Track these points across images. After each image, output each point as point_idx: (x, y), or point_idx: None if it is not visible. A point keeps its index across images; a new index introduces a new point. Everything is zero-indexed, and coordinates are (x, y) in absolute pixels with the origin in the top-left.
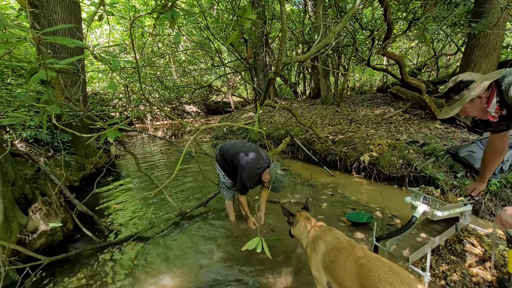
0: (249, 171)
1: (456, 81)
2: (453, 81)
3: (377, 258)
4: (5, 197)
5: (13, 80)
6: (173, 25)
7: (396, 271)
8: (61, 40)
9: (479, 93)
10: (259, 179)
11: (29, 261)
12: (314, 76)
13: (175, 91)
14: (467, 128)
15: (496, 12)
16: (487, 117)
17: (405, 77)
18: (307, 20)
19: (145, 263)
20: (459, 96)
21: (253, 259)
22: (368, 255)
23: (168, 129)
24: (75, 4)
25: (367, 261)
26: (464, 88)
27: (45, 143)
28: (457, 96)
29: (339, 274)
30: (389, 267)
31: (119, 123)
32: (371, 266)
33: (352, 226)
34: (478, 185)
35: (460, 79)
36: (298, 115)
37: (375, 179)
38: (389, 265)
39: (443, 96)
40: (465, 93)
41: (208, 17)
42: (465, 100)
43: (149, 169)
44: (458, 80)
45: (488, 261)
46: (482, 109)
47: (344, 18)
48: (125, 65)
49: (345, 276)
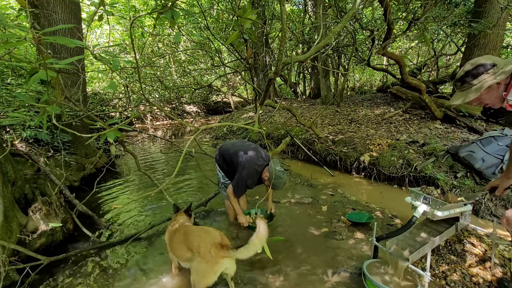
0: (250, 169)
1: (475, 64)
2: (472, 64)
3: (193, 226)
4: (5, 197)
5: (13, 80)
6: (173, 25)
7: (204, 228)
8: (61, 40)
9: (501, 79)
10: (259, 177)
11: (29, 261)
12: (314, 76)
13: (175, 91)
14: (467, 128)
15: (496, 12)
16: (501, 105)
17: (405, 77)
18: (307, 20)
19: (145, 263)
20: (476, 80)
21: (253, 259)
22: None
23: (168, 129)
24: (75, 4)
25: (186, 230)
26: (484, 72)
27: (45, 143)
28: (475, 81)
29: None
30: (201, 228)
31: (119, 123)
32: (188, 231)
33: (352, 226)
34: (502, 182)
35: (480, 62)
36: (298, 115)
37: (375, 179)
38: (201, 227)
39: (457, 80)
40: (484, 77)
41: (208, 17)
42: (484, 86)
43: (149, 169)
44: (478, 63)
45: (488, 261)
46: (499, 97)
47: (344, 18)
48: (125, 65)
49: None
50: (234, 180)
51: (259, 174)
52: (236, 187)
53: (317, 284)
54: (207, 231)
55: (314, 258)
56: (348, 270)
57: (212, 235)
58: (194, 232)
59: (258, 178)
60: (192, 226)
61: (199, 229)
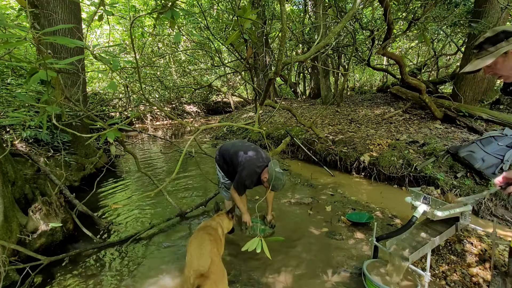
0: (249, 170)
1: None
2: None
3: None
4: (5, 197)
5: (13, 80)
6: (173, 25)
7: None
8: (61, 40)
9: None
10: (258, 178)
11: (29, 261)
12: (314, 76)
13: (175, 91)
14: (467, 128)
15: (496, 12)
16: None
17: (405, 77)
18: (307, 20)
19: (145, 263)
20: (494, 48)
21: (253, 259)
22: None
23: (168, 129)
24: (75, 4)
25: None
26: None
27: (45, 143)
28: (492, 48)
29: None
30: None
31: (119, 123)
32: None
33: (352, 226)
34: None
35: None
36: (298, 115)
37: (375, 179)
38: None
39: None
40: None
41: (208, 17)
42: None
43: (149, 169)
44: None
45: (488, 261)
46: None
47: (344, 18)
48: (125, 65)
49: None
50: (235, 180)
51: (258, 175)
52: (236, 187)
53: (317, 284)
54: (201, 253)
55: (314, 258)
56: (348, 270)
57: (202, 260)
58: (194, 245)
59: (257, 179)
60: (202, 236)
61: (199, 244)
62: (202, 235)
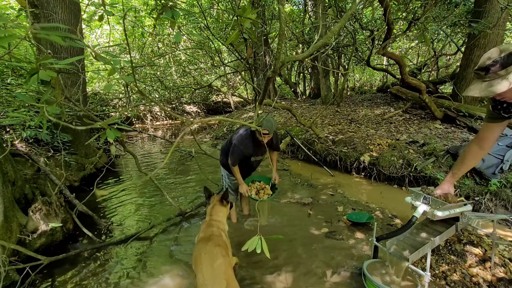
0: (240, 137)
1: (506, 51)
2: (501, 51)
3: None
4: (5, 197)
5: (13, 80)
6: (173, 25)
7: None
8: (55, 37)
9: None
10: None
11: (29, 261)
12: (314, 76)
13: (175, 91)
14: (467, 128)
15: (496, 12)
16: None
17: (405, 77)
18: (307, 20)
19: (145, 263)
20: (505, 71)
21: (253, 259)
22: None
23: (168, 129)
24: (75, 4)
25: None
26: None
27: (45, 143)
28: (503, 71)
29: None
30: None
31: (119, 123)
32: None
33: (352, 226)
34: None
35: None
36: (298, 115)
37: (375, 179)
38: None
39: (481, 69)
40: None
41: (208, 17)
42: None
43: (149, 169)
44: (509, 50)
45: (488, 261)
46: None
47: (343, 17)
48: (125, 65)
49: None
50: (229, 152)
51: (250, 138)
52: (232, 155)
53: (317, 284)
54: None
55: (314, 258)
56: (348, 270)
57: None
58: (205, 263)
59: (252, 142)
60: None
61: (211, 262)
62: (212, 250)
